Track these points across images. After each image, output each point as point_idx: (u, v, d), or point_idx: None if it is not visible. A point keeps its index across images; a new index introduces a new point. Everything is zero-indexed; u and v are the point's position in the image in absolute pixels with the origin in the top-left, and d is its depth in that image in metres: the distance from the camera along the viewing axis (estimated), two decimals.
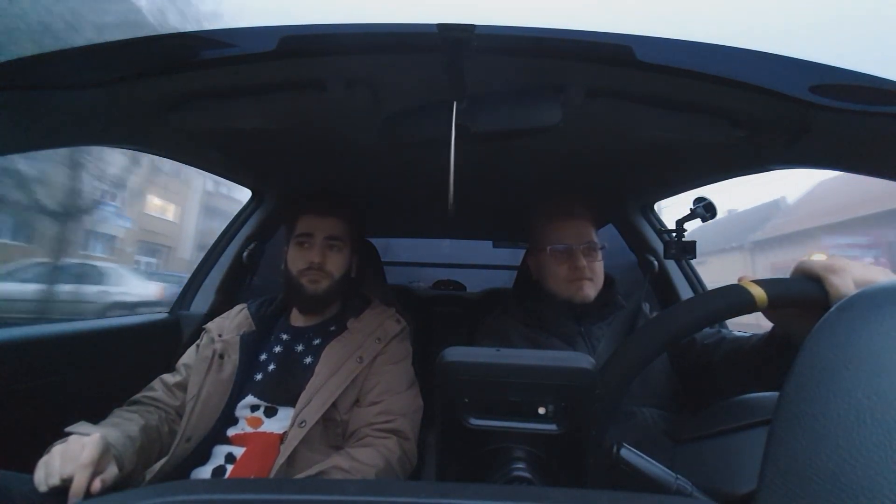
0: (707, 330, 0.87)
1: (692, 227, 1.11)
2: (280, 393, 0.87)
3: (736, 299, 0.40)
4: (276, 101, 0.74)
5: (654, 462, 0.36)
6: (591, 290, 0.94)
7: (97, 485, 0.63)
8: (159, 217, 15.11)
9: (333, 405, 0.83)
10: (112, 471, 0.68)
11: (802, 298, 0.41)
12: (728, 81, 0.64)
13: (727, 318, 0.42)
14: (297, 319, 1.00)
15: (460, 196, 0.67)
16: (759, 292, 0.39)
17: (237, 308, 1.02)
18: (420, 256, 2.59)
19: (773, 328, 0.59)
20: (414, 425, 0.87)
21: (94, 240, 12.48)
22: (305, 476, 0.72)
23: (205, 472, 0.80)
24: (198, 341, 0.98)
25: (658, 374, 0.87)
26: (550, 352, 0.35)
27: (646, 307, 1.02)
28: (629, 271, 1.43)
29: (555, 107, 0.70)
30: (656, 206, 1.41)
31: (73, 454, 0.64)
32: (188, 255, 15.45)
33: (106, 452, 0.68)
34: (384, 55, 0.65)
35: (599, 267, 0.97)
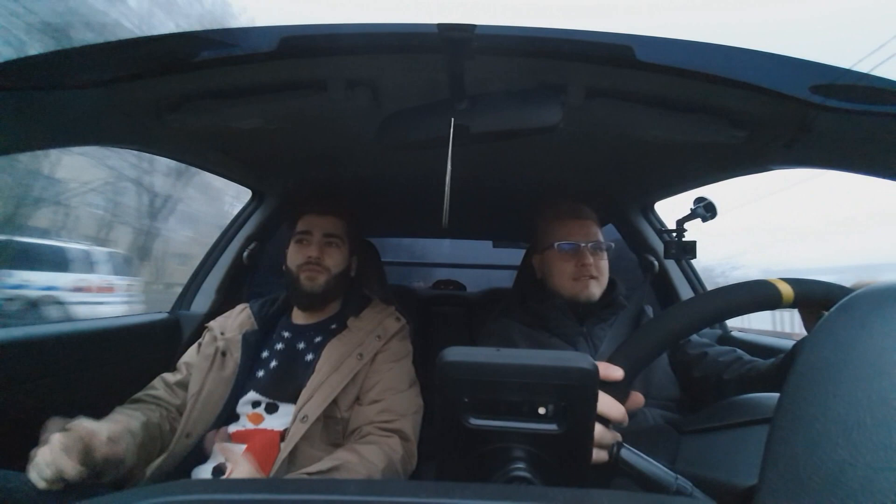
0: (722, 347, 0.87)
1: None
2: (281, 389, 0.87)
3: (762, 293, 0.40)
4: (277, 102, 0.74)
5: (654, 462, 0.36)
6: (596, 289, 0.95)
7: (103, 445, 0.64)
8: None
9: (334, 402, 0.83)
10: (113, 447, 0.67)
11: (831, 301, 0.40)
12: (728, 81, 0.64)
13: (751, 312, 0.41)
14: (298, 318, 1.01)
15: (460, 196, 0.67)
16: (786, 289, 0.39)
17: (239, 307, 1.03)
18: (420, 256, 2.59)
19: (785, 356, 0.58)
20: (415, 426, 0.87)
21: None
22: (313, 470, 0.72)
23: (205, 469, 0.81)
24: (200, 339, 0.99)
25: (661, 375, 0.87)
26: (550, 351, 0.35)
27: (649, 310, 1.02)
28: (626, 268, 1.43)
29: (555, 107, 0.70)
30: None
31: (53, 442, 0.63)
32: None
33: (96, 432, 0.66)
34: (385, 56, 0.65)
35: (605, 266, 0.98)
